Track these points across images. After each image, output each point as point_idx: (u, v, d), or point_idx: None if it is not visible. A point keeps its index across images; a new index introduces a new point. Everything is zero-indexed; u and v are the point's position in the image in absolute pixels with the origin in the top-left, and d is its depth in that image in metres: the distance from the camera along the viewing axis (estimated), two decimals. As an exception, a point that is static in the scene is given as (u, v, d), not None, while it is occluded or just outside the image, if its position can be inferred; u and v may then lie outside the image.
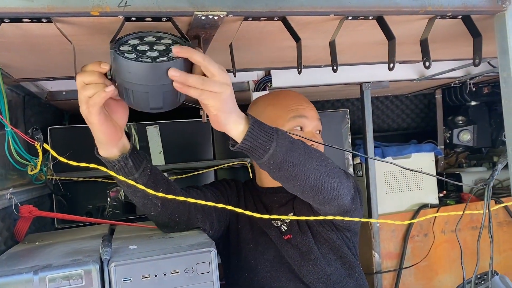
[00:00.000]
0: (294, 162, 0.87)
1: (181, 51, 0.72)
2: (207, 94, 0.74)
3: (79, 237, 1.04)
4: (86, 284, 0.74)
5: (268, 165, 0.86)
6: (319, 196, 0.96)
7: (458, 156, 2.40)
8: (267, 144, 0.83)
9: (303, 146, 0.90)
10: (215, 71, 0.74)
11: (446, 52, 1.35)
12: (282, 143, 0.85)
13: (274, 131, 0.85)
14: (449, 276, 1.98)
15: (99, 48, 0.90)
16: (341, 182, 0.98)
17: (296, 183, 0.91)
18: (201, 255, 0.80)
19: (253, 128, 0.82)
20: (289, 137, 0.88)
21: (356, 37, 1.03)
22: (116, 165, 0.85)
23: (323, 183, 0.93)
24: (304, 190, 0.94)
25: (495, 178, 1.98)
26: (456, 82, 2.01)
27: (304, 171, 0.89)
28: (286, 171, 0.87)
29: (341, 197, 0.99)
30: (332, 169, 0.96)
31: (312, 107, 1.25)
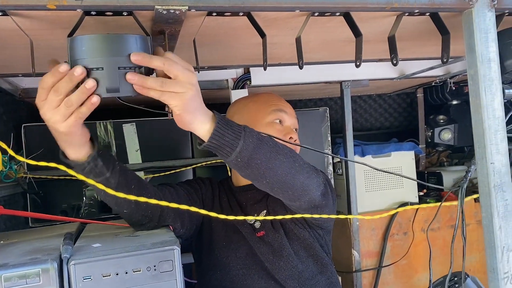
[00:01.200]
0: (262, 159, 0.86)
1: (139, 59, 0.70)
2: (168, 95, 0.73)
3: (47, 235, 1.02)
4: (43, 283, 0.72)
5: (236, 163, 0.85)
6: (288, 192, 0.96)
7: (440, 155, 2.41)
8: (234, 142, 0.82)
9: (271, 143, 0.90)
10: (177, 72, 0.72)
11: (422, 51, 1.35)
12: (250, 141, 0.84)
13: (241, 129, 0.84)
14: (428, 274, 1.98)
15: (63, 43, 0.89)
16: (310, 177, 0.98)
17: (265, 180, 0.91)
18: (164, 253, 0.79)
19: (219, 127, 0.81)
20: (257, 134, 0.87)
21: (326, 35, 1.03)
22: (86, 166, 0.84)
23: (292, 179, 0.93)
24: (273, 187, 0.93)
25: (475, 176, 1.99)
26: (437, 81, 2.01)
27: (272, 168, 0.88)
28: (255, 168, 0.87)
29: (310, 192, 0.99)
30: (301, 165, 0.96)
31: (290, 106, 1.26)
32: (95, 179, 0.85)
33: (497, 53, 0.88)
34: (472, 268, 1.99)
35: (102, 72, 0.70)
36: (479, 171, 0.90)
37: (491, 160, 0.87)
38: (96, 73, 0.70)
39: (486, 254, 0.88)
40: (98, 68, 0.69)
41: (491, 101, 0.88)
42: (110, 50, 0.70)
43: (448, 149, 2.38)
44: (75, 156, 0.83)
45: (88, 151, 0.83)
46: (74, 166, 0.84)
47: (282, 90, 1.90)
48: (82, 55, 0.70)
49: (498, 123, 0.88)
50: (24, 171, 1.42)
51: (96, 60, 0.69)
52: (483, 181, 0.89)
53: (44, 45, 0.87)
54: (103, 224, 1.12)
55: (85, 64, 0.69)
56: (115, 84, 0.70)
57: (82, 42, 0.70)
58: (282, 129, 1.18)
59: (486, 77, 0.87)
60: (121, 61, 0.70)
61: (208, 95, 1.82)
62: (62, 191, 1.55)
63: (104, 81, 0.70)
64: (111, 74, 0.70)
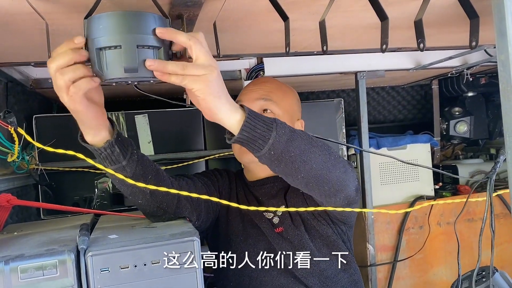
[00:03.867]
0: (296, 152, 0.82)
1: (164, 32, 0.68)
2: (189, 78, 0.69)
3: (61, 227, 1.00)
4: (60, 274, 0.70)
5: (268, 157, 0.81)
6: (324, 188, 0.91)
7: (454, 147, 2.37)
8: (266, 134, 0.78)
9: (304, 135, 0.86)
10: (199, 52, 0.69)
11: (442, 38, 1.31)
12: (282, 132, 0.80)
13: (272, 120, 0.81)
14: (445, 269, 1.95)
15: (79, 29, 0.86)
16: (347, 171, 0.94)
17: (300, 175, 0.86)
18: (183, 245, 0.76)
19: (250, 117, 0.77)
20: (289, 126, 0.83)
21: (348, 19, 0.99)
22: (102, 152, 0.82)
23: (328, 173, 0.88)
24: (309, 182, 0.88)
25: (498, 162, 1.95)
26: (453, 72, 1.96)
27: (307, 161, 0.84)
28: (289, 162, 0.82)
29: (347, 187, 0.95)
30: (337, 158, 0.91)
31: (255, 88, 1.17)
32: (110, 167, 0.82)
33: (529, 37, 0.84)
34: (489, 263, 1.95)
35: (120, 50, 0.67)
36: (509, 162, 0.85)
37: (523, 149, 0.83)
38: (113, 52, 0.67)
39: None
40: (116, 47, 0.66)
41: (523, 88, 0.84)
42: (129, 27, 0.67)
43: (463, 142, 2.33)
44: (91, 140, 0.81)
45: (106, 136, 0.81)
46: (91, 151, 0.82)
47: (295, 81, 1.86)
48: (99, 34, 0.67)
49: (530, 110, 0.84)
50: (36, 163, 1.40)
51: (114, 38, 0.66)
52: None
53: (60, 30, 0.85)
54: (117, 216, 1.10)
55: (102, 42, 0.67)
56: (133, 63, 0.67)
57: (99, 20, 0.67)
58: None
59: (517, 63, 0.83)
60: (140, 38, 0.67)
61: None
62: (74, 184, 1.54)
63: (122, 60, 0.67)
64: (129, 52, 0.67)
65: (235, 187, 1.21)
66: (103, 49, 0.67)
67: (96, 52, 0.68)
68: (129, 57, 0.67)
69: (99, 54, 0.68)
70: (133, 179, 0.82)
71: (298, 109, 1.23)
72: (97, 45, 0.67)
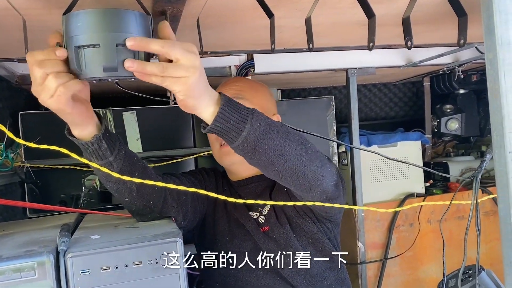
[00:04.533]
0: (271, 145, 0.81)
1: (135, 44, 0.65)
2: (170, 80, 0.68)
3: (44, 226, 0.98)
4: (39, 276, 0.69)
5: (242, 148, 0.80)
6: (299, 181, 0.91)
7: (445, 145, 2.37)
8: (240, 126, 0.77)
9: (281, 128, 0.85)
10: (178, 55, 0.67)
11: (432, 36, 1.30)
12: (257, 125, 0.79)
13: (249, 112, 0.79)
14: (435, 266, 1.96)
15: (59, 25, 0.84)
16: (324, 166, 0.94)
17: (274, 168, 0.86)
18: (166, 246, 0.75)
19: (224, 109, 0.76)
20: (266, 118, 0.82)
21: (336, 16, 0.98)
22: (89, 147, 0.80)
23: (303, 168, 0.88)
24: (283, 175, 0.89)
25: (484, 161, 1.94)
26: (444, 69, 1.96)
27: (282, 154, 0.84)
28: (262, 155, 0.82)
29: (323, 182, 0.94)
30: (314, 153, 0.91)
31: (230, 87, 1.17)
32: (97, 162, 0.81)
33: (517, 36, 0.83)
34: (479, 260, 1.96)
35: (99, 49, 0.65)
36: (496, 161, 0.85)
37: (510, 149, 0.83)
38: (92, 51, 0.65)
39: (503, 247, 0.84)
40: (95, 45, 0.65)
41: (510, 87, 0.83)
42: (108, 25, 0.65)
43: (454, 139, 2.34)
44: (78, 134, 0.79)
45: (93, 131, 0.80)
46: (78, 145, 0.81)
47: (285, 79, 1.85)
48: (77, 32, 0.65)
49: (517, 109, 0.83)
50: (21, 160, 1.38)
51: (92, 36, 0.65)
52: (500, 171, 0.84)
53: (39, 26, 0.83)
54: (103, 215, 1.08)
55: (80, 40, 0.65)
56: (112, 62, 0.65)
57: (77, 17, 0.65)
58: None
59: (505, 61, 0.82)
60: (119, 37, 0.65)
61: (210, 82, 1.76)
62: (60, 181, 1.52)
63: (101, 59, 0.65)
64: (108, 51, 0.65)
65: (221, 186, 1.20)
66: (81, 48, 0.65)
67: (74, 50, 0.66)
68: (108, 56, 0.65)
69: (77, 53, 0.66)
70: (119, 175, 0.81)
71: (272, 105, 1.22)
72: (75, 43, 0.65)
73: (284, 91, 2.29)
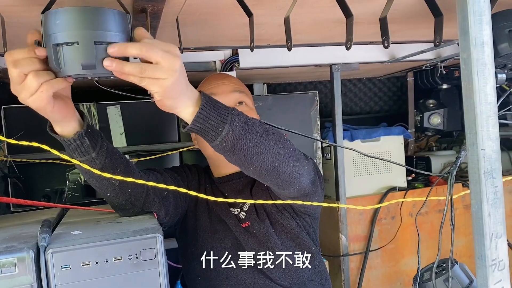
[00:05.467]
0: (249, 145, 0.83)
1: (115, 50, 0.66)
2: (147, 81, 0.69)
3: (26, 221, 0.99)
4: (19, 272, 0.70)
5: (221, 147, 0.82)
6: (277, 179, 0.93)
7: (428, 139, 2.41)
8: (219, 126, 0.79)
9: (260, 128, 0.86)
10: (157, 57, 0.68)
11: (412, 33, 1.32)
12: (236, 125, 0.80)
13: (229, 112, 0.80)
14: (415, 259, 1.98)
15: (38, 21, 0.84)
16: (300, 164, 0.95)
17: (252, 166, 0.88)
18: (146, 241, 0.76)
19: (204, 109, 0.77)
20: (246, 118, 0.84)
21: (315, 15, 0.99)
22: (71, 144, 0.81)
23: (280, 166, 0.90)
24: (261, 173, 0.91)
25: (463, 161, 1.98)
26: (427, 65, 1.99)
27: (260, 153, 0.85)
28: (241, 154, 0.84)
29: (300, 180, 0.96)
30: (291, 152, 0.92)
31: (226, 82, 1.18)
32: (79, 158, 0.82)
33: (490, 37, 0.85)
34: (458, 252, 2.01)
35: (77, 47, 0.65)
36: (469, 158, 0.88)
37: (482, 146, 0.85)
38: (71, 49, 0.66)
39: (475, 241, 0.87)
40: (74, 43, 0.65)
41: (483, 86, 0.85)
42: (86, 23, 0.65)
43: (437, 134, 2.37)
44: (60, 131, 0.80)
45: (76, 127, 0.80)
46: (60, 141, 0.81)
47: (271, 73, 1.86)
48: (56, 29, 0.65)
49: (490, 108, 0.86)
50: (4, 155, 1.37)
51: (71, 33, 0.65)
52: (473, 167, 0.87)
53: (20, 22, 0.83)
54: (86, 210, 1.09)
55: (59, 38, 0.65)
56: (91, 60, 0.66)
57: (56, 15, 0.66)
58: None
59: (479, 61, 0.85)
60: (97, 35, 0.66)
61: (195, 77, 1.78)
62: (44, 175, 1.51)
63: (80, 56, 0.66)
64: (86, 49, 0.65)
65: (203, 183, 1.22)
66: (60, 45, 0.66)
67: (53, 48, 0.66)
68: (87, 54, 0.66)
69: (56, 50, 0.66)
70: (102, 171, 0.82)
71: None
72: (53, 41, 0.66)
73: (270, 86, 2.30)
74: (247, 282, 1.07)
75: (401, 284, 1.98)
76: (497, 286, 0.85)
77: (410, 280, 2.01)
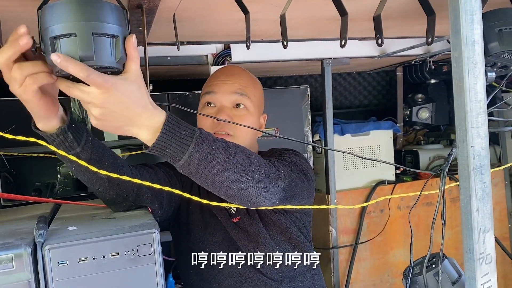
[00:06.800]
0: (207, 174, 0.81)
1: (59, 60, 0.64)
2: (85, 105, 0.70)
3: (20, 217, 0.99)
4: (16, 268, 0.70)
5: (178, 169, 0.80)
6: (236, 202, 0.91)
7: (416, 133, 2.44)
8: (177, 155, 0.77)
9: (224, 156, 0.82)
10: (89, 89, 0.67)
11: (403, 29, 1.34)
12: (197, 156, 0.78)
13: (192, 141, 0.77)
14: (403, 251, 2.04)
15: (32, 15, 0.83)
16: (264, 189, 0.90)
17: (211, 189, 0.86)
18: (142, 237, 0.77)
19: (163, 139, 0.75)
20: (210, 146, 0.80)
21: (310, 12, 1.00)
22: (55, 139, 0.80)
23: (239, 193, 0.87)
24: (220, 195, 0.89)
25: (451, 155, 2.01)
26: (417, 60, 2.02)
27: (218, 182, 0.83)
28: (198, 180, 0.83)
29: (260, 203, 0.93)
30: (255, 177, 0.88)
31: (230, 80, 1.15)
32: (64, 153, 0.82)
33: (481, 36, 0.87)
34: (445, 245, 2.04)
35: (75, 39, 0.65)
36: (459, 154, 0.90)
37: (472, 143, 0.87)
38: (68, 41, 0.65)
39: (463, 235, 0.89)
40: (71, 35, 0.64)
41: (474, 84, 0.87)
42: (83, 14, 0.65)
43: (425, 128, 2.41)
44: (42, 126, 0.79)
45: (57, 124, 0.79)
46: (44, 137, 0.80)
47: (262, 67, 1.87)
48: (53, 22, 0.65)
49: (479, 106, 0.88)
50: (-6, 149, 1.36)
51: (68, 25, 0.64)
52: (462, 164, 0.89)
53: (13, 16, 0.82)
54: (78, 205, 1.09)
55: (56, 31, 0.65)
56: (89, 51, 0.65)
57: (53, 9, 0.65)
58: (213, 111, 1.13)
59: (470, 60, 0.86)
60: (95, 26, 0.65)
61: (188, 70, 1.78)
62: (35, 169, 1.50)
63: (77, 48, 0.65)
64: (84, 40, 0.65)
65: None
66: (57, 38, 0.65)
67: (50, 41, 0.65)
68: (85, 45, 0.65)
69: (53, 43, 0.65)
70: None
71: (263, 104, 1.23)
72: (51, 34, 0.65)
73: (261, 79, 2.30)
74: (238, 276, 1.09)
75: (389, 276, 2.03)
76: (484, 278, 0.88)
77: (398, 272, 2.06)
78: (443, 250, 0.96)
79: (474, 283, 0.86)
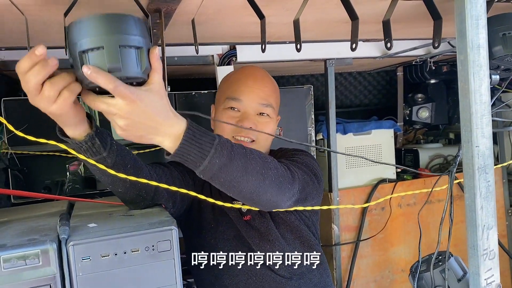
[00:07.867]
0: (227, 179, 0.84)
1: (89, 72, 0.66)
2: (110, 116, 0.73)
3: (36, 214, 1.01)
4: (43, 263, 0.73)
5: (199, 174, 0.83)
6: (253, 205, 0.95)
7: (416, 132, 2.48)
8: (198, 161, 0.80)
9: (242, 162, 0.85)
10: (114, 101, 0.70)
11: (408, 32, 1.37)
12: (216, 161, 0.81)
13: (212, 146, 0.80)
14: (403, 248, 2.08)
15: (55, 19, 0.86)
16: (281, 192, 0.94)
17: (229, 193, 0.90)
18: (162, 233, 0.80)
19: (184, 146, 0.78)
20: (229, 153, 0.83)
21: (321, 15, 1.03)
22: (83, 145, 0.82)
23: (257, 197, 0.90)
24: (239, 199, 0.92)
25: (452, 154, 2.05)
26: (417, 60, 2.05)
27: (237, 186, 0.86)
28: (217, 184, 0.86)
29: (277, 205, 0.97)
30: (272, 181, 0.91)
31: (256, 88, 1.17)
32: (92, 158, 0.84)
33: (486, 40, 0.90)
34: (444, 241, 2.08)
35: (103, 51, 0.67)
36: (464, 154, 0.93)
37: (476, 143, 0.90)
38: (96, 54, 0.68)
39: (468, 232, 0.93)
40: (99, 48, 0.67)
41: (479, 87, 0.90)
42: (110, 28, 0.68)
43: (425, 127, 2.44)
44: (72, 134, 0.81)
45: (86, 129, 0.81)
46: (72, 144, 0.82)
47: (266, 67, 1.87)
48: (81, 37, 0.67)
49: (484, 107, 0.91)
50: (6, 147, 1.38)
51: (96, 39, 0.67)
52: (467, 163, 0.92)
53: (37, 21, 0.85)
54: (92, 202, 1.11)
55: (84, 45, 0.67)
56: (117, 63, 0.68)
57: (80, 24, 0.68)
58: (237, 115, 1.16)
59: (475, 63, 0.89)
60: (121, 39, 0.68)
61: (194, 70, 1.80)
62: (45, 167, 1.52)
63: (106, 60, 0.68)
64: (112, 52, 0.67)
65: None
66: (86, 52, 0.68)
67: (79, 55, 0.68)
68: (113, 57, 0.67)
69: (82, 57, 0.68)
70: (113, 169, 0.84)
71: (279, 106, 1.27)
72: (79, 49, 0.68)
73: (264, 78, 2.33)
74: (249, 272, 1.12)
75: (389, 272, 2.06)
76: (487, 273, 0.91)
77: (398, 268, 2.10)
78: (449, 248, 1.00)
79: (478, 278, 0.89)
